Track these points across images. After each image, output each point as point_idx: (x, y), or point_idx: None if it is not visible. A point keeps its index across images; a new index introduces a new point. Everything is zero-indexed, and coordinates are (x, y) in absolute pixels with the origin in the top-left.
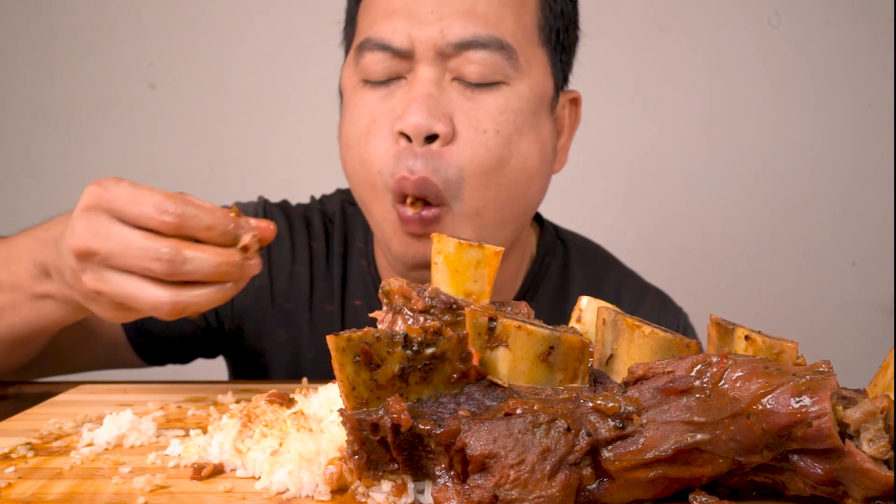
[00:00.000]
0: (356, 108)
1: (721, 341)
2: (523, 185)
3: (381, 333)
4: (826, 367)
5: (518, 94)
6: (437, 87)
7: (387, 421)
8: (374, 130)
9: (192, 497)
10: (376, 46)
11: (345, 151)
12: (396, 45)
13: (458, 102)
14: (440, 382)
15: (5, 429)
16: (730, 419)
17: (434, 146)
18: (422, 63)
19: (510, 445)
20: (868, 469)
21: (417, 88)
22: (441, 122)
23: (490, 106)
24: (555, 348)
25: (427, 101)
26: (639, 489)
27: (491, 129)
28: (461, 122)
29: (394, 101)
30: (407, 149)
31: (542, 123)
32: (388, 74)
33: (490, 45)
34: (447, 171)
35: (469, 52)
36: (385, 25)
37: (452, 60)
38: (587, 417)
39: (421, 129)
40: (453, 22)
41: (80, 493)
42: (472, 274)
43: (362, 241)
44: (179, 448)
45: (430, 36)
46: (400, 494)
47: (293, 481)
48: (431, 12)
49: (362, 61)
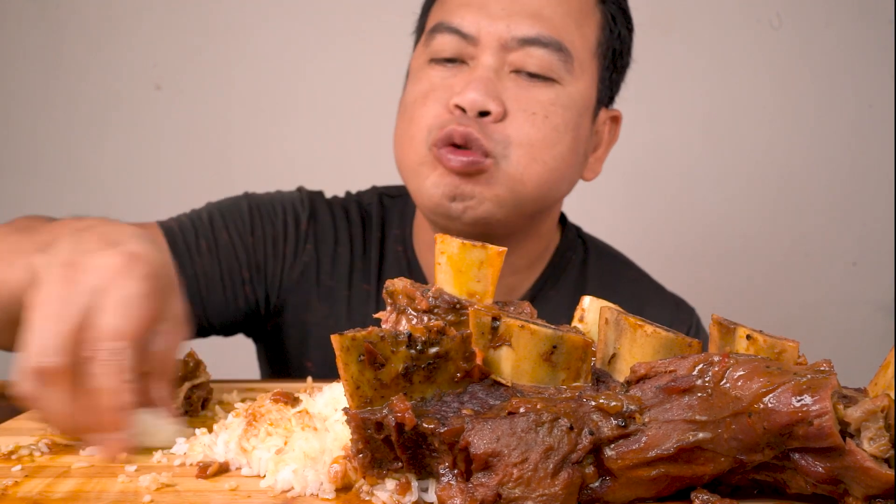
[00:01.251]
0: (419, 80)
1: (723, 341)
2: (560, 174)
3: (386, 333)
4: (827, 366)
5: (568, 94)
6: (495, 75)
7: (391, 420)
8: (431, 98)
9: (197, 495)
10: (447, 29)
11: (399, 116)
12: (465, 30)
13: (513, 90)
14: (444, 381)
15: (12, 427)
16: (731, 418)
17: (485, 120)
18: (485, 51)
19: (513, 444)
20: (869, 467)
21: (478, 72)
22: (494, 102)
23: (542, 96)
24: (557, 348)
25: (485, 83)
26: (641, 487)
27: (540, 113)
28: (512, 105)
29: (454, 80)
30: (460, 115)
31: (582, 128)
32: (454, 54)
33: (550, 45)
34: (495, 136)
35: (530, 48)
36: (457, 13)
37: (513, 54)
38: (590, 416)
39: (476, 103)
40: (520, 20)
41: (86, 492)
42: (475, 274)
43: (398, 227)
44: (185, 447)
45: (496, 29)
46: (404, 493)
47: (298, 480)
48: (502, 9)
49: (433, 42)
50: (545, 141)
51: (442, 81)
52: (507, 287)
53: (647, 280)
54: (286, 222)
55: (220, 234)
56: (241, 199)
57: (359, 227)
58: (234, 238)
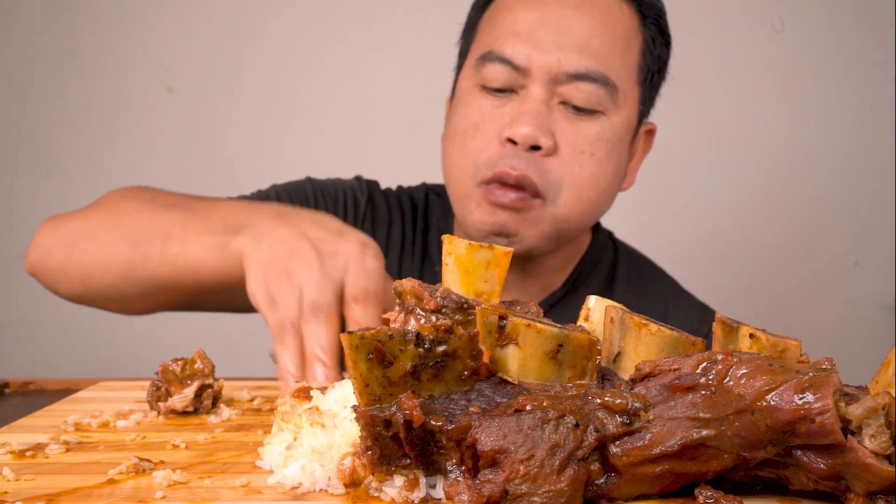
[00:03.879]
0: (468, 107)
1: (726, 339)
2: (601, 202)
3: (394, 332)
4: (829, 364)
5: (612, 125)
6: (545, 107)
7: (399, 417)
8: (483, 129)
9: (209, 492)
10: (497, 59)
11: (447, 142)
12: (516, 62)
13: (561, 124)
14: (451, 379)
15: (26, 425)
16: (735, 415)
17: (536, 155)
18: (535, 83)
19: (520, 441)
20: (870, 464)
21: (529, 104)
22: (546, 137)
23: (588, 132)
24: (563, 346)
25: (536, 117)
26: (645, 484)
27: (587, 151)
28: (563, 141)
29: (504, 111)
30: (512, 150)
31: (623, 151)
32: (504, 85)
33: (598, 80)
34: (548, 175)
35: (579, 82)
36: (508, 42)
37: (562, 87)
38: (595, 414)
39: (529, 138)
40: (570, 54)
41: (98, 487)
42: (482, 274)
43: (441, 220)
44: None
45: (547, 62)
46: (412, 489)
47: (306, 475)
48: (552, 41)
49: (483, 70)
50: (591, 179)
51: (492, 111)
52: (543, 286)
53: (674, 284)
54: (346, 204)
55: None
56: (304, 182)
57: (410, 216)
58: None
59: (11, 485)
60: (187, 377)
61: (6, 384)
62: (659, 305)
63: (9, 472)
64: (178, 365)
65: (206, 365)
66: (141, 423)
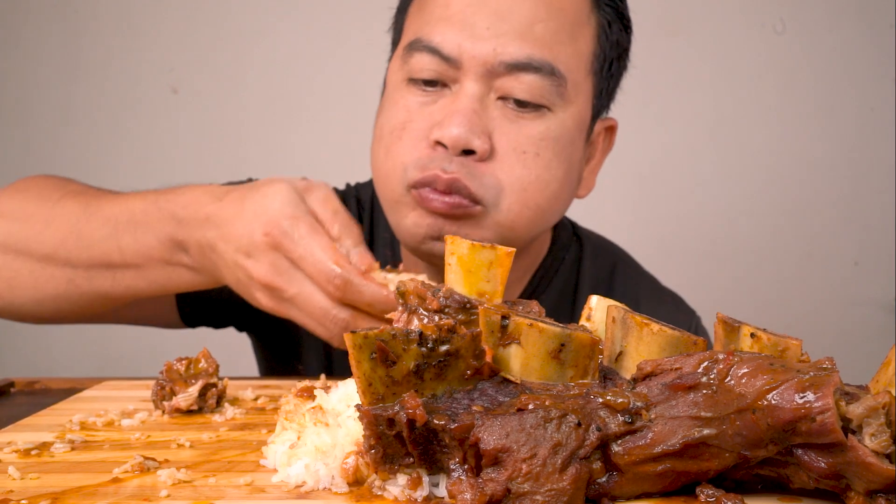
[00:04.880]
0: (395, 104)
1: (727, 339)
2: (552, 209)
3: (397, 331)
4: (829, 363)
5: (560, 122)
6: (480, 104)
7: (402, 416)
8: (410, 130)
9: (213, 490)
10: (425, 48)
11: (375, 143)
12: (445, 52)
13: (500, 122)
14: (454, 379)
15: (32, 424)
16: (736, 414)
17: (469, 160)
18: (468, 76)
19: (522, 440)
20: (870, 463)
21: (461, 101)
22: (479, 139)
23: (532, 130)
24: (566, 345)
25: (469, 116)
26: (647, 482)
27: (531, 152)
28: (500, 142)
29: (434, 108)
30: (442, 153)
31: (576, 151)
32: (433, 77)
33: (542, 70)
34: (483, 181)
35: (520, 73)
36: (437, 29)
37: (500, 79)
38: (597, 413)
39: (459, 141)
40: (509, 41)
41: (104, 486)
42: (484, 274)
43: (387, 231)
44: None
45: (481, 52)
46: (415, 487)
47: (309, 474)
48: (487, 28)
49: (410, 60)
50: (538, 182)
51: (420, 109)
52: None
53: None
54: None
55: None
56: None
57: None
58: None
59: (17, 483)
60: (192, 376)
61: (11, 383)
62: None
63: (14, 470)
64: (182, 364)
65: (211, 364)
66: (146, 422)
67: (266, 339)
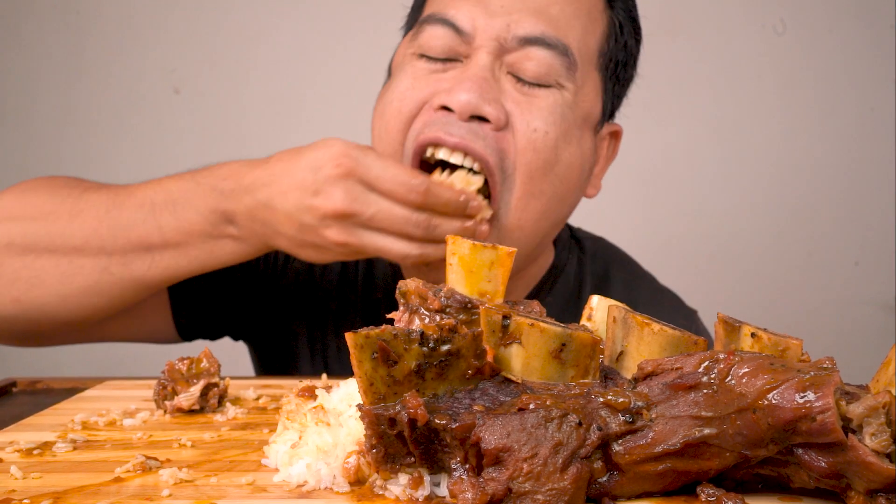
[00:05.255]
0: (403, 73)
1: (728, 338)
2: (560, 197)
3: (399, 331)
4: (830, 363)
5: (569, 101)
6: (490, 74)
7: (404, 416)
8: (416, 90)
9: (215, 490)
10: (438, 21)
11: (375, 120)
12: (459, 24)
13: (511, 94)
14: (455, 378)
15: (34, 423)
16: (736, 414)
17: (485, 127)
18: (480, 51)
19: (523, 439)
20: (870, 462)
21: (472, 70)
22: (491, 106)
23: (542, 103)
24: (567, 345)
25: (479, 83)
26: (648, 482)
27: (541, 129)
28: (514, 113)
29: (443, 77)
30: (446, 116)
31: (585, 139)
32: (445, 52)
33: (554, 47)
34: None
35: (532, 48)
36: (451, 4)
37: (511, 55)
38: (598, 412)
39: (468, 106)
40: (522, 17)
41: (106, 485)
42: (486, 274)
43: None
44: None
45: (495, 27)
46: (416, 487)
47: (311, 474)
48: (502, 6)
49: (422, 35)
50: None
51: (429, 76)
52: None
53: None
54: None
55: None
56: None
57: None
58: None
59: (19, 483)
60: (193, 376)
61: (14, 383)
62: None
63: (16, 470)
64: (184, 364)
65: (212, 364)
66: (147, 422)
67: (262, 347)
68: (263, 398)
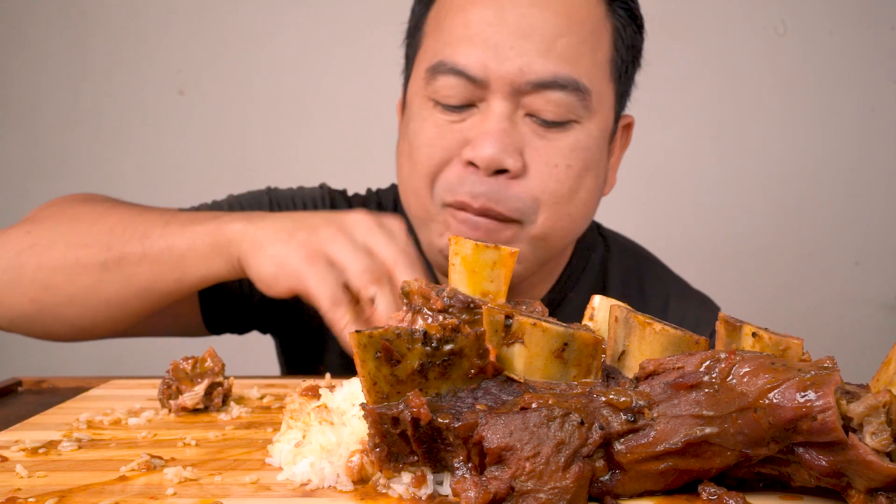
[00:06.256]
0: (424, 122)
1: (729, 338)
2: (584, 215)
3: (402, 331)
4: (830, 362)
5: (587, 133)
6: (509, 122)
7: (407, 415)
8: (440, 147)
9: (219, 488)
10: (450, 71)
11: (402, 158)
12: (471, 73)
13: (530, 139)
14: (458, 378)
15: (39, 422)
16: (737, 413)
17: (501, 178)
18: (496, 96)
19: (526, 438)
20: (871, 461)
21: (491, 122)
22: (512, 158)
23: (561, 144)
24: (569, 345)
25: (500, 136)
26: (650, 480)
27: (562, 164)
28: (532, 157)
29: (463, 126)
30: (474, 174)
31: (602, 157)
32: (461, 101)
33: (567, 87)
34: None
35: (546, 91)
36: (460, 50)
37: (527, 97)
38: (600, 411)
39: (493, 162)
40: (533, 60)
41: (111, 484)
42: (488, 274)
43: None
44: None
45: (508, 72)
46: (419, 486)
47: (314, 472)
48: (511, 47)
49: (435, 83)
50: (571, 192)
51: (450, 127)
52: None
53: (672, 277)
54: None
55: None
56: (262, 194)
57: None
58: None
59: (24, 482)
60: (198, 375)
61: (19, 382)
62: (657, 300)
63: (22, 469)
64: (188, 363)
65: (217, 363)
66: (152, 421)
67: (289, 341)
68: (267, 397)
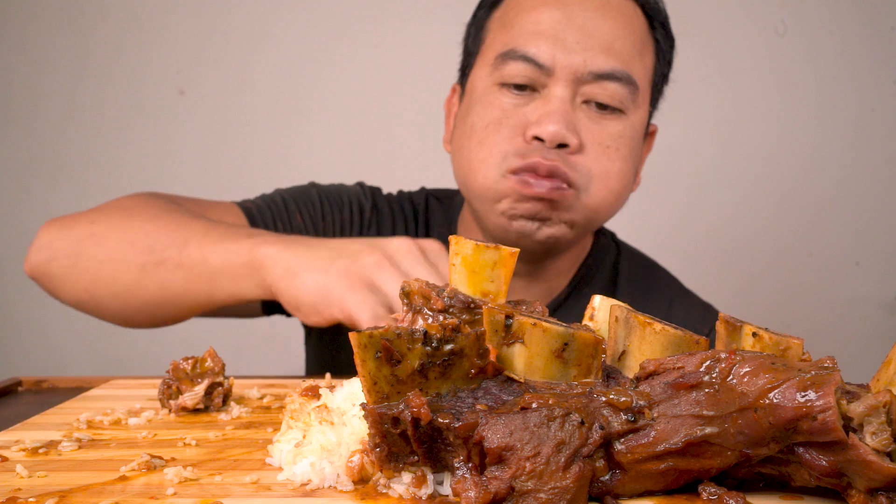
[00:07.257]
0: (489, 104)
1: (729, 338)
2: (622, 197)
3: (402, 330)
4: (831, 362)
5: (632, 124)
6: (570, 106)
7: (407, 415)
8: (506, 124)
9: (219, 488)
10: (521, 57)
11: (464, 139)
12: (540, 61)
13: (585, 122)
14: (458, 378)
15: (39, 422)
16: (738, 413)
17: (563, 152)
18: (559, 83)
19: (526, 438)
20: (871, 461)
21: (555, 103)
22: (572, 135)
23: (612, 129)
24: (569, 345)
25: (563, 116)
26: (650, 480)
27: (613, 146)
28: (587, 138)
29: (527, 108)
30: (539, 146)
31: (639, 151)
32: (525, 81)
33: (623, 79)
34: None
35: (605, 82)
36: (531, 42)
37: (586, 86)
38: (600, 411)
39: (557, 136)
40: (596, 55)
41: (111, 484)
42: (489, 274)
43: (443, 226)
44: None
45: (573, 62)
46: (420, 485)
47: (315, 472)
48: (577, 42)
49: (504, 67)
50: (619, 172)
51: (514, 109)
52: (548, 289)
53: (676, 284)
54: (352, 210)
55: (293, 217)
56: (309, 188)
57: (412, 222)
58: (306, 221)
59: (25, 482)
60: (198, 375)
61: (19, 382)
62: (662, 304)
63: (22, 469)
64: (188, 363)
65: (217, 363)
66: (152, 421)
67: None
68: (267, 397)
